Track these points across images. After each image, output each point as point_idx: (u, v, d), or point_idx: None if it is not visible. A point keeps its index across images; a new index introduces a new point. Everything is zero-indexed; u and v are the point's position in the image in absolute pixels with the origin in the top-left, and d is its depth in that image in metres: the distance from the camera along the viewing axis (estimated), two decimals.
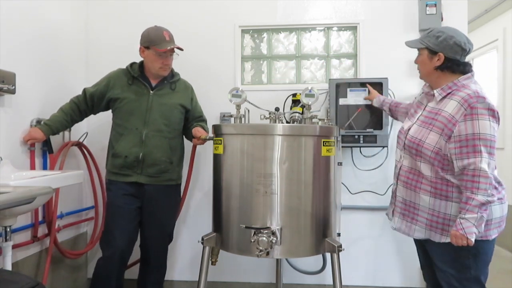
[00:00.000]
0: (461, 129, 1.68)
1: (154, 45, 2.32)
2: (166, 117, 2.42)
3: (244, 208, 2.00)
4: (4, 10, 2.21)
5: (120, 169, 2.38)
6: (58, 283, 2.69)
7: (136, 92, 2.42)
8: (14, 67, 2.24)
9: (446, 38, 1.78)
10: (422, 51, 1.87)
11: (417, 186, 1.84)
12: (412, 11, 2.90)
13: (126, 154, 2.35)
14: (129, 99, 2.40)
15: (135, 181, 2.38)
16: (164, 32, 2.36)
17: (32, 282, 1.46)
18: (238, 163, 2.03)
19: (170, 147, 2.43)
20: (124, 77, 2.45)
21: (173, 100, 2.47)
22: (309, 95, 2.19)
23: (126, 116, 2.39)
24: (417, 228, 1.86)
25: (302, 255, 2.16)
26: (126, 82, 2.43)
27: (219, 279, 3.02)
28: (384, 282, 2.97)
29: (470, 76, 1.80)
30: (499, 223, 1.76)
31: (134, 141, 2.36)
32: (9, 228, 1.88)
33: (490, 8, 4.33)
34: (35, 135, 2.33)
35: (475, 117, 1.66)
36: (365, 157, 2.92)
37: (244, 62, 3.11)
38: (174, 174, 2.49)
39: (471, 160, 1.65)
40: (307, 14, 3.01)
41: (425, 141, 1.78)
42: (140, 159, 2.35)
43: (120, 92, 2.42)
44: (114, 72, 2.50)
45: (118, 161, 2.37)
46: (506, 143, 4.25)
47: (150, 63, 2.40)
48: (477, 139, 1.65)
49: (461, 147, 1.68)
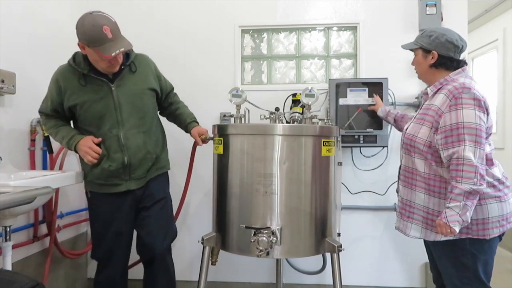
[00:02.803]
0: (446, 120, 1.70)
1: (95, 47, 1.88)
2: (138, 109, 2.13)
3: (244, 208, 2.00)
4: (4, 10, 2.21)
5: (107, 180, 2.11)
6: (58, 283, 2.69)
7: (95, 91, 2.05)
8: (14, 67, 2.24)
9: (438, 36, 1.83)
10: (417, 51, 1.92)
11: (412, 183, 1.86)
12: (412, 11, 2.90)
13: (110, 163, 2.08)
14: (90, 101, 2.05)
15: (126, 190, 2.14)
16: (104, 28, 1.86)
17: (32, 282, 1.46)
18: (238, 163, 2.03)
19: (152, 140, 2.20)
20: (73, 76, 2.04)
21: (139, 86, 2.15)
22: (309, 95, 2.19)
23: (94, 120, 2.07)
24: (413, 226, 1.86)
25: (302, 255, 2.16)
26: (77, 83, 2.03)
27: (219, 279, 3.02)
28: (385, 282, 2.97)
29: (460, 71, 1.83)
30: (499, 222, 1.74)
31: (113, 146, 2.08)
32: (9, 228, 1.88)
33: (490, 8, 4.32)
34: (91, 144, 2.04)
35: (459, 106, 1.67)
36: (365, 157, 2.92)
37: (244, 62, 3.11)
38: (163, 162, 2.30)
39: (455, 149, 1.65)
40: (307, 14, 3.01)
41: (418, 136, 1.80)
42: (126, 164, 2.09)
43: (76, 96, 2.04)
44: (58, 72, 2.08)
45: (103, 172, 2.09)
46: (506, 143, 4.25)
47: (94, 62, 2.01)
48: (461, 128, 1.65)
49: (446, 137, 1.69)
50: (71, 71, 2.06)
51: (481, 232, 1.72)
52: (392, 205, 2.90)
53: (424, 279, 2.94)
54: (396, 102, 2.87)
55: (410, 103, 2.89)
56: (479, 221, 1.71)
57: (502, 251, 3.88)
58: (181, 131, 2.45)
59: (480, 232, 1.71)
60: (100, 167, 2.08)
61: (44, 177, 1.98)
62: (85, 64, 2.04)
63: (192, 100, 3.03)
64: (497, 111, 4.47)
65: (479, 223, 1.71)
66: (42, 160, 2.53)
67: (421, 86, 2.87)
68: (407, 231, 1.89)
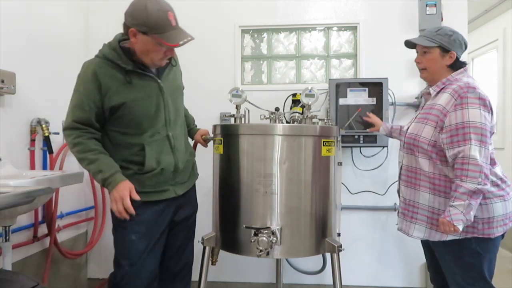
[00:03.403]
0: (451, 119, 1.70)
1: (158, 34, 1.65)
2: (178, 108, 1.96)
3: (244, 208, 2.00)
4: (4, 10, 2.21)
5: (155, 186, 1.84)
6: (58, 283, 2.69)
7: (142, 88, 1.79)
8: (14, 67, 2.24)
9: (457, 37, 1.82)
10: (433, 49, 1.84)
11: (416, 183, 1.84)
12: (412, 11, 2.90)
13: (162, 167, 1.83)
14: (138, 100, 1.77)
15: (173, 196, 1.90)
16: (169, 14, 1.68)
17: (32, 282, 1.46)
18: (238, 163, 2.03)
19: (188, 143, 2.09)
20: (115, 72, 1.74)
21: (177, 83, 1.98)
22: (309, 95, 2.19)
23: (137, 122, 1.79)
24: (417, 227, 1.85)
25: (302, 255, 2.16)
26: (121, 80, 1.74)
27: (219, 279, 3.02)
28: (384, 282, 2.97)
29: (462, 70, 1.83)
30: (503, 220, 1.75)
31: (164, 149, 1.85)
32: (9, 228, 1.88)
33: (490, 8, 4.32)
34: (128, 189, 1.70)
35: (465, 106, 1.67)
36: (365, 157, 2.92)
37: (244, 62, 3.11)
38: (196, 168, 2.17)
39: (461, 148, 1.65)
40: (307, 14, 3.01)
41: (421, 135, 1.80)
42: (176, 168, 1.89)
43: (122, 95, 1.74)
44: (94, 69, 1.73)
45: (153, 178, 1.82)
46: (506, 143, 4.25)
47: (144, 53, 1.72)
48: (467, 127, 1.65)
49: (451, 136, 1.69)
50: (111, 66, 1.74)
51: (487, 231, 1.72)
52: (392, 205, 2.90)
53: (424, 279, 2.94)
54: (396, 102, 2.87)
55: (410, 103, 2.89)
56: (485, 220, 1.72)
57: (502, 251, 3.87)
58: None
59: (485, 231, 1.72)
60: (151, 173, 1.81)
61: (44, 177, 1.98)
62: (127, 58, 1.75)
63: (192, 100, 3.03)
64: (497, 111, 4.47)
65: (485, 222, 1.72)
66: (42, 160, 2.53)
67: (421, 86, 2.87)
68: (410, 232, 1.88)
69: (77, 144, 1.73)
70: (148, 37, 1.66)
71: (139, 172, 1.80)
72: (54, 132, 2.58)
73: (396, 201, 2.87)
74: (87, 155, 1.72)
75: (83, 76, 1.74)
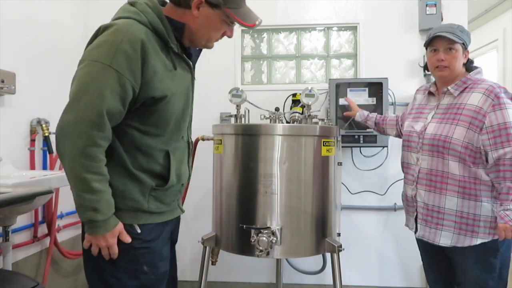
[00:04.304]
0: (492, 120, 1.67)
1: (233, 9, 1.32)
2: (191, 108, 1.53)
3: (244, 208, 2.00)
4: (4, 10, 2.21)
5: (170, 204, 1.44)
6: (58, 283, 2.69)
7: (181, 78, 1.37)
8: (14, 67, 2.24)
9: (469, 35, 1.82)
10: (458, 46, 1.79)
11: (442, 187, 1.76)
12: (412, 11, 2.90)
13: (182, 182, 1.45)
14: (178, 93, 1.35)
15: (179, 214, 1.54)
16: None
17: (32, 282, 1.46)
18: (238, 163, 2.03)
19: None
20: (161, 51, 1.28)
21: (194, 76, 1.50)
22: (309, 95, 2.19)
23: (170, 120, 1.34)
24: (443, 233, 1.77)
25: (302, 255, 2.16)
26: (168, 65, 1.30)
27: (219, 279, 3.02)
28: (384, 282, 2.97)
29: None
30: None
31: (184, 159, 1.46)
32: (9, 228, 1.89)
33: (490, 8, 4.33)
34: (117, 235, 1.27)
35: (503, 106, 1.66)
36: (365, 157, 2.92)
37: (244, 62, 3.11)
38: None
39: (507, 149, 1.63)
40: (307, 14, 3.01)
41: (453, 136, 1.72)
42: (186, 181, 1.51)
43: (166, 85, 1.28)
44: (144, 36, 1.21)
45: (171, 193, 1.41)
46: None
47: (202, 32, 1.34)
48: (510, 128, 1.64)
49: (494, 137, 1.66)
50: (157, 42, 1.27)
51: None
52: (392, 205, 2.90)
53: (424, 280, 2.94)
54: (396, 102, 2.87)
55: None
56: None
57: None
58: None
59: None
60: (171, 190, 1.40)
61: (44, 177, 1.98)
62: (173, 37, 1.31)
63: None
64: None
65: None
66: (42, 160, 2.53)
67: None
68: (436, 239, 1.79)
69: (91, 156, 1.18)
70: (216, 12, 1.30)
71: (159, 188, 1.34)
72: (54, 132, 2.57)
73: (396, 201, 2.87)
74: (91, 178, 1.18)
75: (123, 45, 1.17)
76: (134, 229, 1.32)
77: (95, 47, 1.21)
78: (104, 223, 1.22)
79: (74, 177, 1.19)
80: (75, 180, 1.19)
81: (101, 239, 1.24)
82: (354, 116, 2.30)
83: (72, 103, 1.20)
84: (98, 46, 1.20)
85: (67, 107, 1.21)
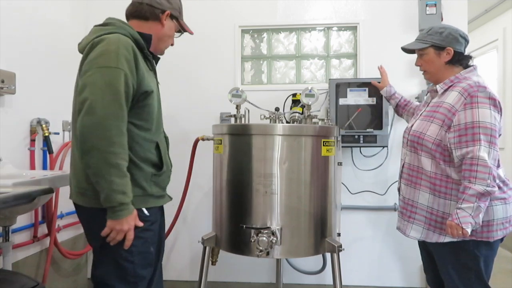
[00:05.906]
0: (460, 118, 1.66)
1: (182, 21, 1.69)
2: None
3: (244, 208, 2.00)
4: (4, 10, 2.21)
5: (165, 189, 1.67)
6: (58, 283, 2.69)
7: (153, 79, 1.63)
8: (14, 67, 2.24)
9: (451, 32, 1.79)
10: (427, 50, 1.83)
11: (417, 182, 1.81)
12: (412, 11, 2.90)
13: (170, 168, 1.69)
14: (155, 90, 1.58)
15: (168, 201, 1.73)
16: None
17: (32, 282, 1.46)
18: (238, 163, 2.03)
19: None
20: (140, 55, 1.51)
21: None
22: (309, 95, 2.19)
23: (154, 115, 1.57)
24: (414, 227, 1.82)
25: (302, 255, 2.16)
26: (147, 67, 1.56)
27: (219, 279, 3.02)
28: (384, 282, 2.97)
29: (472, 69, 1.80)
30: (503, 224, 1.71)
31: (166, 149, 1.69)
32: (9, 228, 1.89)
33: (490, 8, 4.33)
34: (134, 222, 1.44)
35: (475, 105, 1.63)
36: (365, 157, 2.92)
37: (244, 62, 3.11)
38: None
39: (470, 148, 1.62)
40: (307, 14, 3.01)
41: (426, 133, 1.75)
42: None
43: (150, 82, 1.54)
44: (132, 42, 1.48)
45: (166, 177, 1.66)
46: (506, 143, 4.25)
47: (163, 40, 1.64)
48: (477, 127, 1.62)
49: (460, 136, 1.65)
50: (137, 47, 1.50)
51: (485, 234, 1.69)
52: (392, 205, 2.90)
53: (423, 280, 2.94)
54: None
55: None
56: (484, 223, 1.67)
57: (502, 251, 3.88)
58: (181, 131, 2.45)
59: (484, 234, 1.68)
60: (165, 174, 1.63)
61: (44, 177, 1.98)
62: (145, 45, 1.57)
63: (192, 100, 3.04)
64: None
65: (484, 225, 1.67)
66: (42, 160, 2.53)
67: (421, 86, 2.88)
68: (407, 232, 1.85)
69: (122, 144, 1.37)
70: (175, 23, 1.65)
71: (157, 173, 1.56)
72: (54, 132, 2.58)
73: (396, 201, 2.87)
74: (123, 164, 1.36)
75: (122, 50, 1.40)
76: (143, 213, 1.50)
77: (97, 56, 1.39)
78: (129, 206, 1.39)
79: (107, 166, 1.32)
80: (109, 168, 1.32)
81: (124, 222, 1.38)
82: (381, 89, 2.38)
83: (94, 103, 1.33)
84: (99, 56, 1.39)
85: (89, 109, 1.33)
